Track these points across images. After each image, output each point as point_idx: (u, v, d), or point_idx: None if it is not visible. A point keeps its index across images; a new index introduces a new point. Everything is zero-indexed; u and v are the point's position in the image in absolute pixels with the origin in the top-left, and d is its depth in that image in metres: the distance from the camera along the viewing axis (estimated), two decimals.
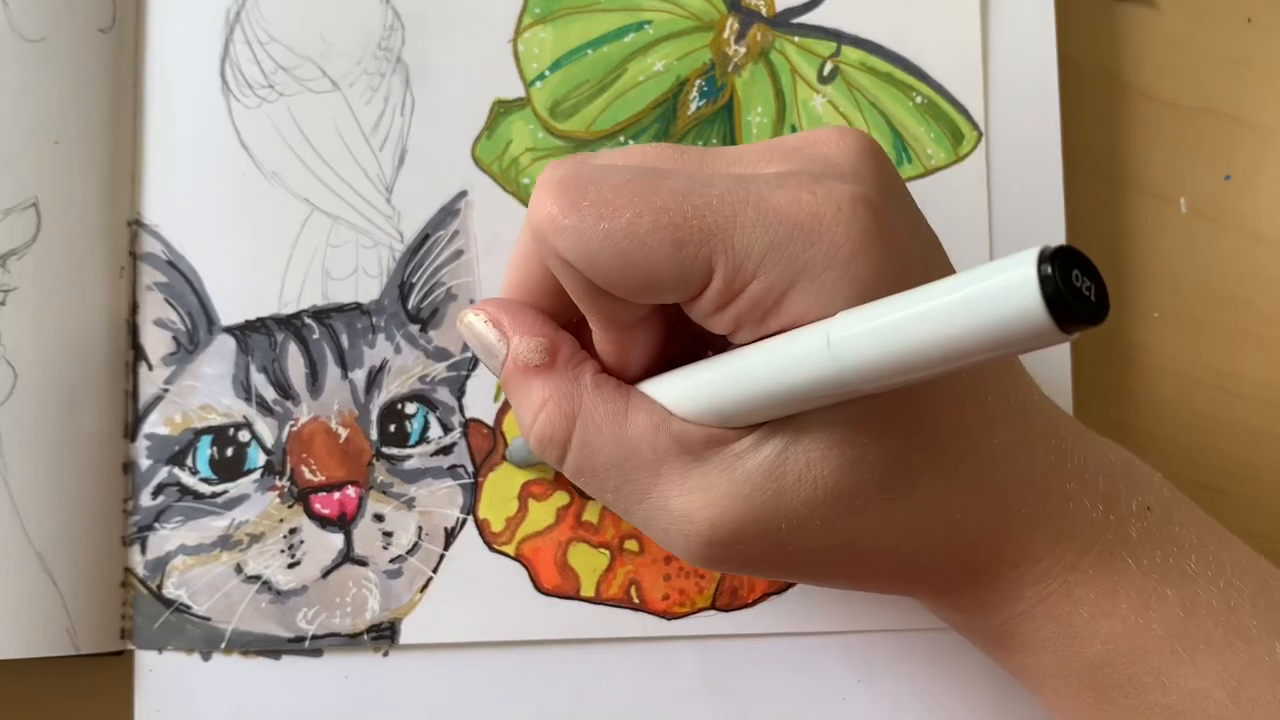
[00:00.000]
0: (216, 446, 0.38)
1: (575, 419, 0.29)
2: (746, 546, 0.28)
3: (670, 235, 0.25)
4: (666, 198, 0.26)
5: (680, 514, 0.28)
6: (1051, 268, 0.20)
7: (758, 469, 0.27)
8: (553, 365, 0.29)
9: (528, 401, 0.29)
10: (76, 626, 0.36)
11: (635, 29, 0.39)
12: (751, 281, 0.25)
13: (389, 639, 0.37)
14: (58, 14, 0.37)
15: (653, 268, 0.26)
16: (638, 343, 0.29)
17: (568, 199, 0.26)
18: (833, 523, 0.27)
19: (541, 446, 0.29)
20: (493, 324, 0.30)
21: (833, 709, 0.38)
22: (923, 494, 0.28)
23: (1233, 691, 0.28)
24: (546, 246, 0.27)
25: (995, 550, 0.29)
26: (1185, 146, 0.41)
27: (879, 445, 0.27)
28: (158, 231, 0.38)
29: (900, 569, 0.29)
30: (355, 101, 0.39)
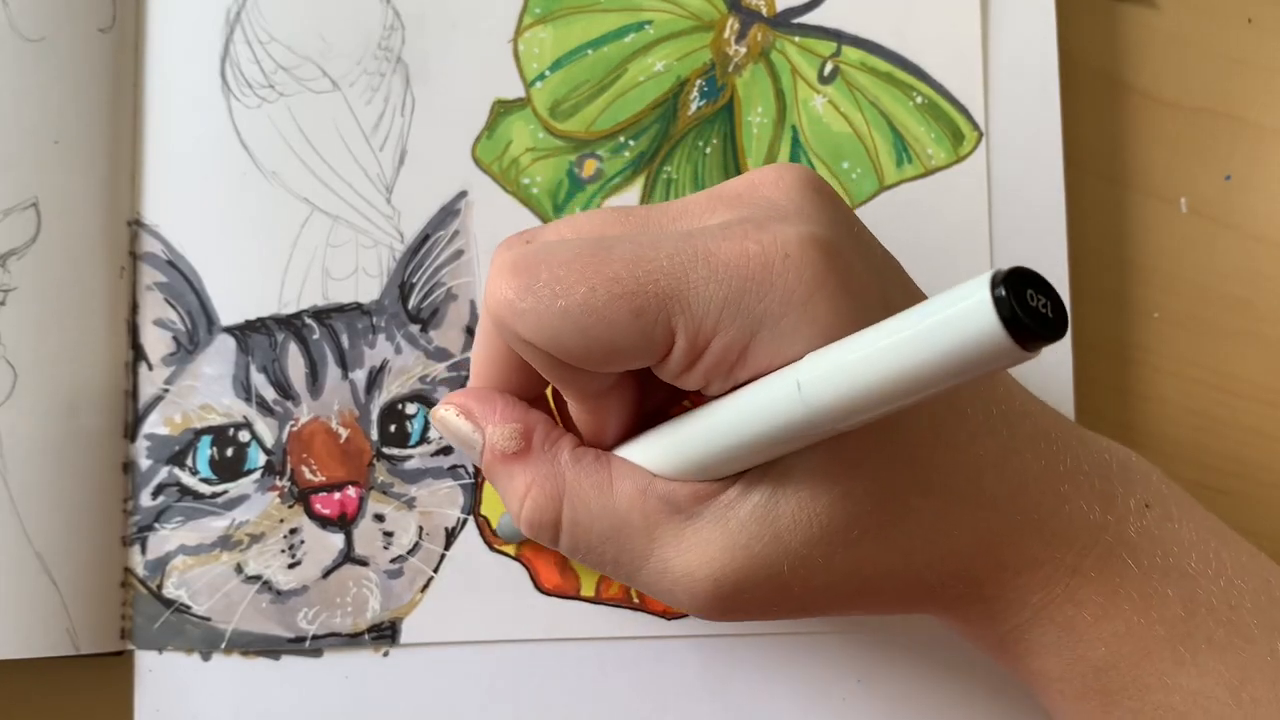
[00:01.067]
0: (216, 447, 0.38)
1: (561, 499, 0.29)
2: (753, 593, 0.28)
3: (627, 305, 0.25)
4: (617, 267, 0.26)
5: (682, 574, 0.28)
6: (1005, 290, 0.20)
7: (750, 517, 0.27)
8: (529, 449, 0.29)
9: (512, 489, 0.30)
10: (76, 627, 0.36)
11: (635, 29, 0.39)
12: (713, 339, 0.26)
13: (389, 639, 0.37)
14: (58, 14, 0.37)
15: (615, 338, 0.26)
16: (613, 408, 0.29)
17: (522, 282, 0.26)
18: (833, 557, 0.27)
19: (534, 531, 0.29)
20: (464, 415, 0.30)
21: (833, 709, 0.38)
22: (916, 514, 0.28)
23: (1234, 691, 0.28)
24: (508, 331, 0.27)
25: (996, 560, 0.29)
26: (1185, 146, 0.41)
27: (865, 474, 0.27)
28: (158, 231, 0.38)
29: (905, 590, 0.29)
30: (355, 101, 0.39)
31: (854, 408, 0.24)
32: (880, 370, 0.23)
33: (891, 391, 0.23)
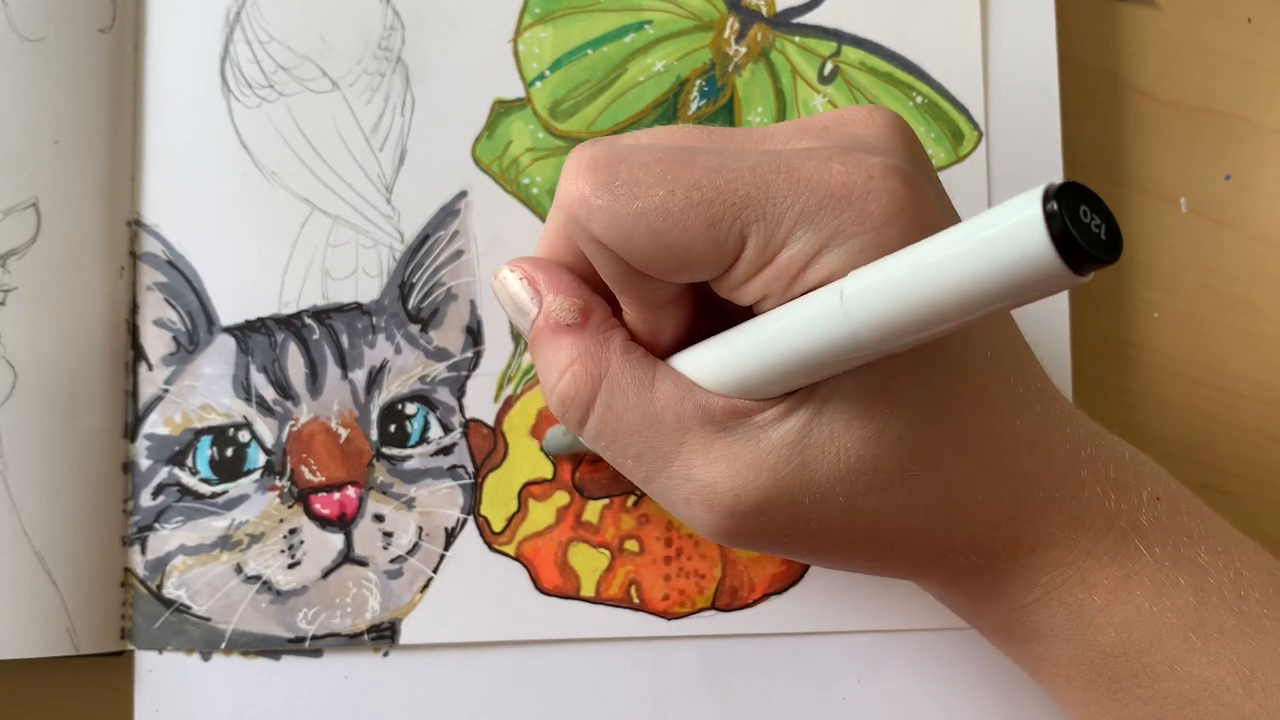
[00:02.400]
0: (216, 447, 0.38)
1: (601, 380, 0.28)
2: (768, 519, 0.28)
3: (704, 212, 0.25)
4: (699, 174, 0.26)
5: (703, 484, 0.28)
6: (1057, 205, 0.19)
7: (782, 441, 0.27)
8: (584, 326, 0.29)
9: (554, 360, 0.29)
10: (76, 627, 0.36)
11: (635, 29, 0.39)
12: (783, 249, 0.26)
13: (389, 639, 0.37)
14: (57, 14, 0.37)
15: (686, 245, 0.26)
16: (668, 323, 0.29)
17: (600, 179, 0.26)
18: (855, 499, 0.27)
19: (564, 407, 0.29)
20: (527, 281, 0.30)
21: (833, 709, 0.38)
22: (946, 473, 0.27)
23: (1245, 680, 0.28)
24: (579, 227, 0.27)
25: (1013, 535, 0.29)
26: (1185, 146, 0.41)
27: (903, 419, 0.27)
28: (157, 231, 0.38)
29: (918, 550, 0.29)
30: (355, 101, 0.39)
31: (894, 324, 0.23)
32: (923, 286, 0.22)
33: (933, 309, 0.22)
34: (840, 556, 0.30)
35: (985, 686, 0.38)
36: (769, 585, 0.38)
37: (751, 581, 0.38)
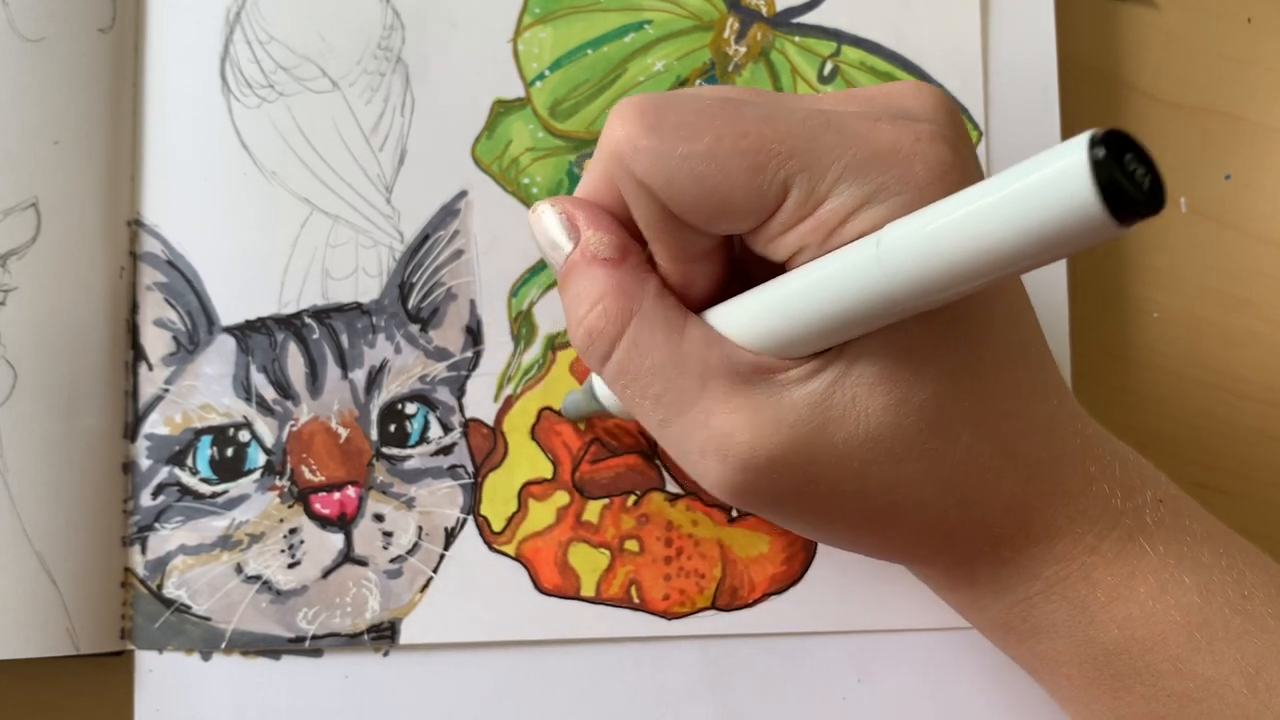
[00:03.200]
0: (216, 446, 0.38)
1: (632, 316, 0.28)
2: (781, 478, 0.27)
3: (750, 160, 0.25)
4: (748, 123, 0.26)
5: (721, 433, 0.27)
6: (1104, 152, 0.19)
7: (805, 400, 0.27)
8: (620, 262, 0.29)
9: (587, 292, 0.29)
10: (76, 627, 0.36)
11: (635, 29, 0.39)
12: (824, 201, 0.26)
13: (389, 639, 0.37)
14: (57, 14, 0.37)
15: (729, 191, 0.26)
16: (699, 278, 0.29)
17: (648, 121, 0.26)
18: (871, 467, 0.27)
19: (589, 340, 0.29)
20: (566, 218, 0.29)
21: (833, 709, 0.38)
22: (963, 450, 0.27)
23: (1250, 679, 0.28)
24: (623, 169, 0.27)
25: (1022, 523, 0.29)
26: (1185, 146, 0.41)
27: (927, 389, 0.27)
28: (157, 231, 0.38)
29: (927, 530, 0.29)
30: (355, 101, 0.39)
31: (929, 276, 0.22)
32: (960, 234, 0.21)
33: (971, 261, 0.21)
34: (847, 530, 0.29)
35: (985, 686, 0.38)
36: (769, 585, 0.38)
37: (751, 581, 0.38)
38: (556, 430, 0.38)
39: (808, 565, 0.38)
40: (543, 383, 0.38)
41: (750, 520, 0.38)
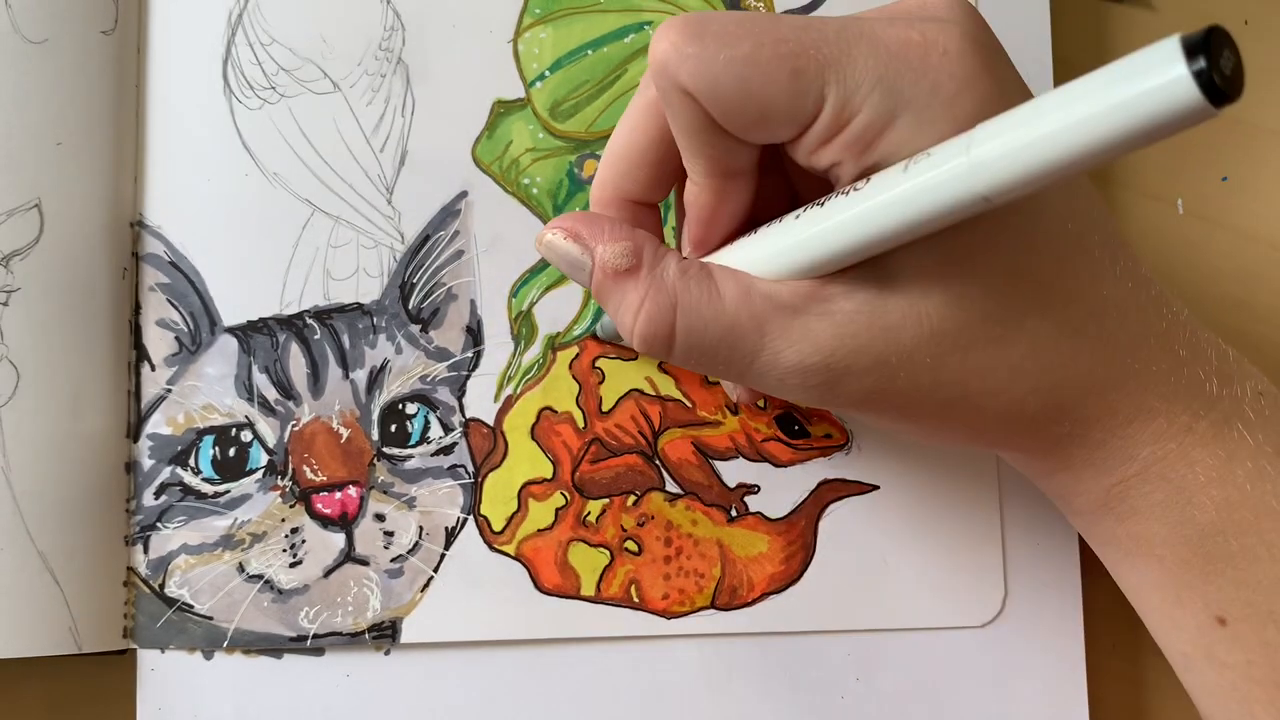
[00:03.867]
0: (219, 446, 0.38)
1: (675, 309, 0.29)
2: (859, 382, 0.28)
3: (789, 64, 0.26)
4: (787, 30, 0.27)
5: (793, 364, 0.29)
6: (1205, 61, 0.20)
7: (857, 311, 0.28)
8: (639, 266, 0.30)
9: (625, 305, 0.30)
10: (79, 626, 0.36)
11: (635, 29, 0.39)
12: (858, 113, 0.26)
13: (390, 638, 0.38)
14: (60, 16, 0.37)
15: (770, 96, 0.27)
16: (731, 196, 0.30)
17: (691, 31, 0.27)
18: (942, 359, 0.28)
19: (647, 345, 0.30)
20: (572, 238, 0.31)
21: (831, 708, 0.38)
22: (1030, 335, 0.28)
23: None
24: (668, 78, 0.27)
25: (1108, 404, 0.29)
26: (1182, 148, 0.41)
27: (981, 281, 0.27)
28: (160, 232, 0.38)
29: (1008, 415, 0.29)
30: (356, 102, 0.39)
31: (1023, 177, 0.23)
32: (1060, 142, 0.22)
33: (1066, 161, 0.22)
34: (932, 422, 0.30)
35: (984, 686, 0.38)
36: (768, 585, 0.38)
37: (750, 581, 0.38)
38: (556, 430, 0.38)
39: (807, 565, 0.38)
40: (543, 383, 0.39)
41: (749, 520, 0.38)
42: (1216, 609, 0.29)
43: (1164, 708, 0.39)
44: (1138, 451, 0.29)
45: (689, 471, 0.38)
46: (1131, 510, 0.30)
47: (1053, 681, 0.38)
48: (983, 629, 0.38)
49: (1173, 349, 0.29)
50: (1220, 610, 0.29)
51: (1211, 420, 0.29)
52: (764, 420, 0.39)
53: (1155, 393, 0.29)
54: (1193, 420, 0.29)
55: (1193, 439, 0.29)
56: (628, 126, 0.32)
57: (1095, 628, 0.39)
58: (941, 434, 0.31)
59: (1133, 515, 0.30)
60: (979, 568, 0.38)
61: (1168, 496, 0.29)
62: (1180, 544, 0.30)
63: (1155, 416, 0.29)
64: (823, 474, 0.38)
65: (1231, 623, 0.29)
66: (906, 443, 0.39)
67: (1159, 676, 0.39)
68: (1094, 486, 0.30)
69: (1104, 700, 0.39)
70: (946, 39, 0.27)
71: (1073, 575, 0.38)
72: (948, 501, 0.38)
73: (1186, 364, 0.29)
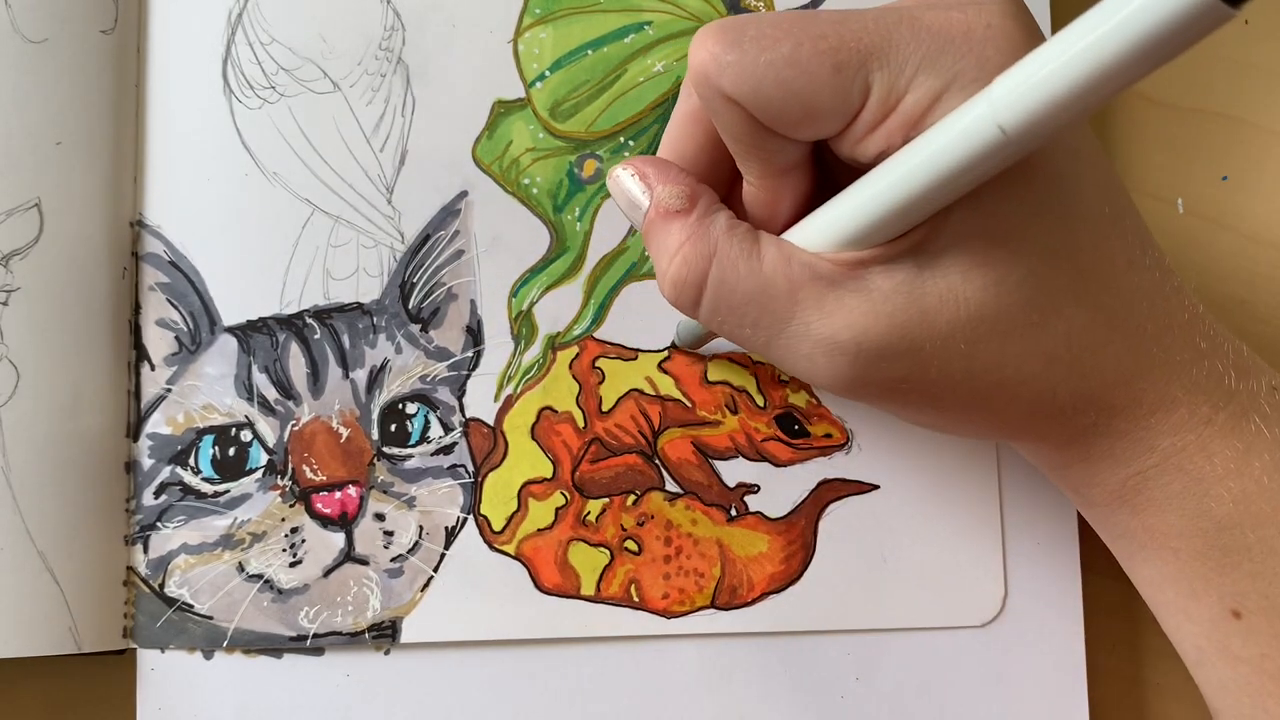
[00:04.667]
0: (218, 446, 0.38)
1: (711, 258, 0.29)
2: (890, 366, 0.28)
3: (830, 59, 0.26)
4: (824, 25, 0.27)
5: (823, 337, 0.28)
6: None
7: (895, 290, 0.28)
8: (691, 210, 0.30)
9: (665, 245, 0.30)
10: (79, 625, 0.36)
11: (635, 30, 0.39)
12: (905, 95, 0.26)
13: (390, 638, 0.38)
14: (60, 15, 0.37)
15: (814, 93, 0.27)
16: (787, 192, 0.30)
17: (729, 38, 0.27)
18: (977, 345, 0.28)
19: (677, 289, 0.30)
20: (639, 176, 0.31)
21: (831, 708, 0.38)
22: (1066, 321, 0.28)
23: None
24: (710, 87, 0.27)
25: (1133, 394, 0.29)
26: (1182, 147, 0.41)
27: (1024, 265, 0.27)
28: (160, 232, 0.38)
29: (1039, 404, 0.29)
30: (356, 102, 0.39)
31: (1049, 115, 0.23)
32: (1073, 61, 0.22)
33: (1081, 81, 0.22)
34: (960, 411, 0.30)
35: (985, 686, 0.38)
36: (768, 584, 0.38)
37: (750, 580, 0.38)
38: (556, 430, 0.38)
39: (806, 564, 0.38)
40: (543, 382, 0.39)
41: (749, 520, 0.38)
42: (1231, 602, 0.30)
43: (1164, 708, 0.39)
44: (1158, 442, 0.29)
45: (689, 471, 0.38)
46: (1148, 502, 0.30)
47: (1053, 681, 0.38)
48: (983, 629, 0.38)
49: (1194, 341, 0.29)
50: (1235, 603, 0.29)
51: (1230, 413, 0.29)
52: (764, 420, 0.39)
53: (1179, 383, 0.29)
54: (1212, 412, 0.29)
55: (1211, 431, 0.29)
56: (674, 136, 0.32)
57: (1095, 628, 0.39)
58: (965, 425, 0.31)
59: (1149, 507, 0.30)
60: (979, 568, 0.38)
61: (1185, 488, 0.29)
62: (1196, 536, 0.30)
63: (1177, 407, 0.29)
64: (823, 474, 0.38)
65: (1246, 616, 0.29)
66: (906, 442, 0.39)
67: (1159, 676, 0.39)
68: (1111, 478, 0.30)
69: (1104, 700, 0.39)
70: (989, 15, 0.27)
71: (1073, 575, 0.38)
72: (947, 501, 0.38)
73: (1207, 356, 0.29)
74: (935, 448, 0.38)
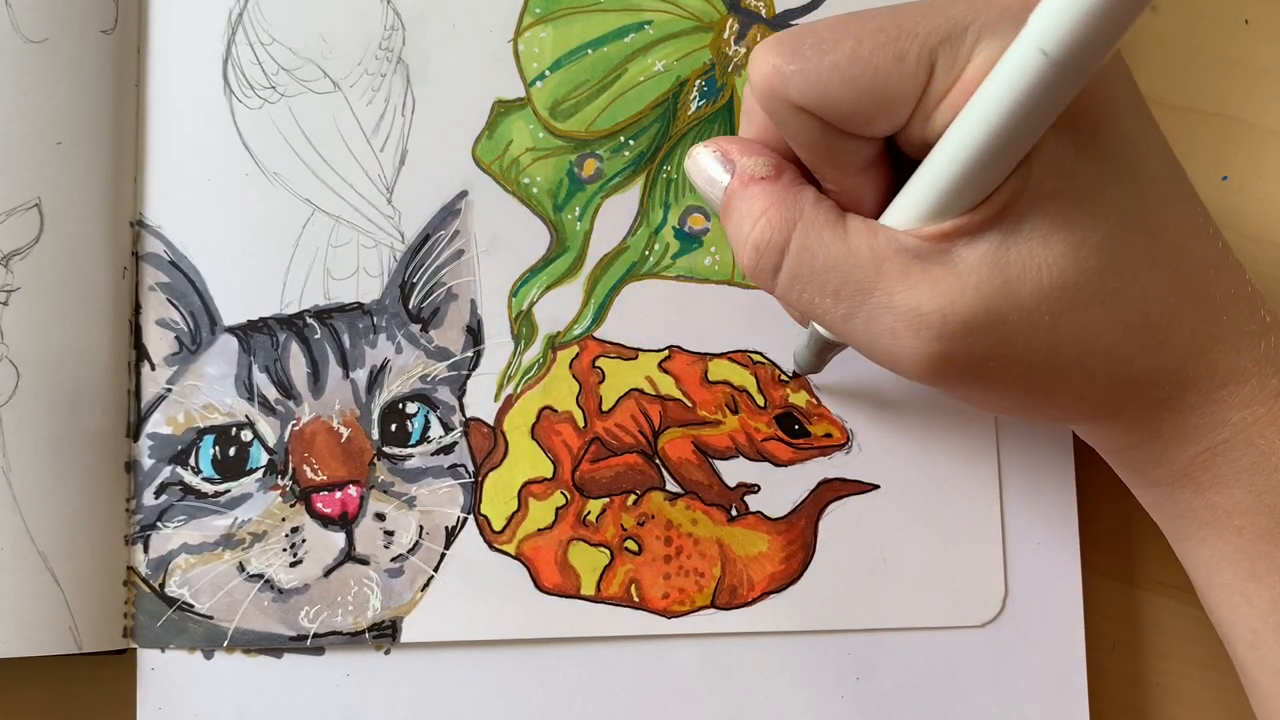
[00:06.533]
0: (219, 446, 0.38)
1: (795, 223, 0.29)
2: (976, 341, 0.28)
3: (891, 50, 0.27)
4: (880, 20, 0.27)
5: (908, 309, 0.28)
6: None
7: (980, 261, 0.27)
8: (777, 178, 0.30)
9: (749, 210, 0.30)
10: (79, 625, 0.36)
11: (635, 29, 0.39)
12: (969, 62, 0.26)
13: (390, 637, 0.38)
14: (60, 15, 0.37)
15: (881, 85, 0.27)
16: (867, 191, 0.30)
17: (789, 49, 0.27)
18: (1060, 317, 0.28)
19: (757, 254, 0.29)
20: (721, 154, 0.31)
21: (832, 708, 0.38)
22: (1142, 287, 0.28)
23: None
24: (777, 100, 0.27)
25: (1207, 365, 0.29)
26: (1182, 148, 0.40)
27: (1102, 228, 0.27)
28: (160, 232, 0.38)
29: (1116, 378, 0.29)
30: (356, 102, 0.39)
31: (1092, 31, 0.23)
32: None
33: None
34: (1042, 392, 0.30)
35: (985, 686, 0.38)
36: (768, 584, 0.38)
37: (751, 580, 0.38)
38: (556, 430, 0.38)
39: (806, 564, 0.38)
40: (543, 382, 0.39)
41: (749, 519, 0.38)
42: None
43: (1164, 708, 0.39)
44: (1229, 416, 0.29)
45: (689, 471, 0.38)
46: (1215, 479, 0.30)
47: (1053, 681, 0.38)
48: (983, 629, 0.38)
49: (1259, 313, 0.29)
50: None
51: None
52: (764, 420, 0.39)
53: (1248, 354, 0.29)
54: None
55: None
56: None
57: (1095, 628, 0.39)
58: (1045, 408, 0.31)
59: (1215, 484, 0.30)
60: (979, 567, 0.38)
61: (1254, 463, 0.29)
62: (1261, 514, 0.29)
63: (1248, 379, 0.29)
64: (823, 473, 0.38)
65: None
66: (906, 443, 0.39)
67: (1159, 676, 0.39)
68: (1179, 455, 0.30)
69: (1104, 700, 0.39)
70: None
71: (1073, 575, 0.38)
72: (947, 501, 0.38)
73: (1272, 329, 0.29)
74: (935, 448, 0.39)
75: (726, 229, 0.31)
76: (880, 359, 0.30)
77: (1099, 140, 0.28)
